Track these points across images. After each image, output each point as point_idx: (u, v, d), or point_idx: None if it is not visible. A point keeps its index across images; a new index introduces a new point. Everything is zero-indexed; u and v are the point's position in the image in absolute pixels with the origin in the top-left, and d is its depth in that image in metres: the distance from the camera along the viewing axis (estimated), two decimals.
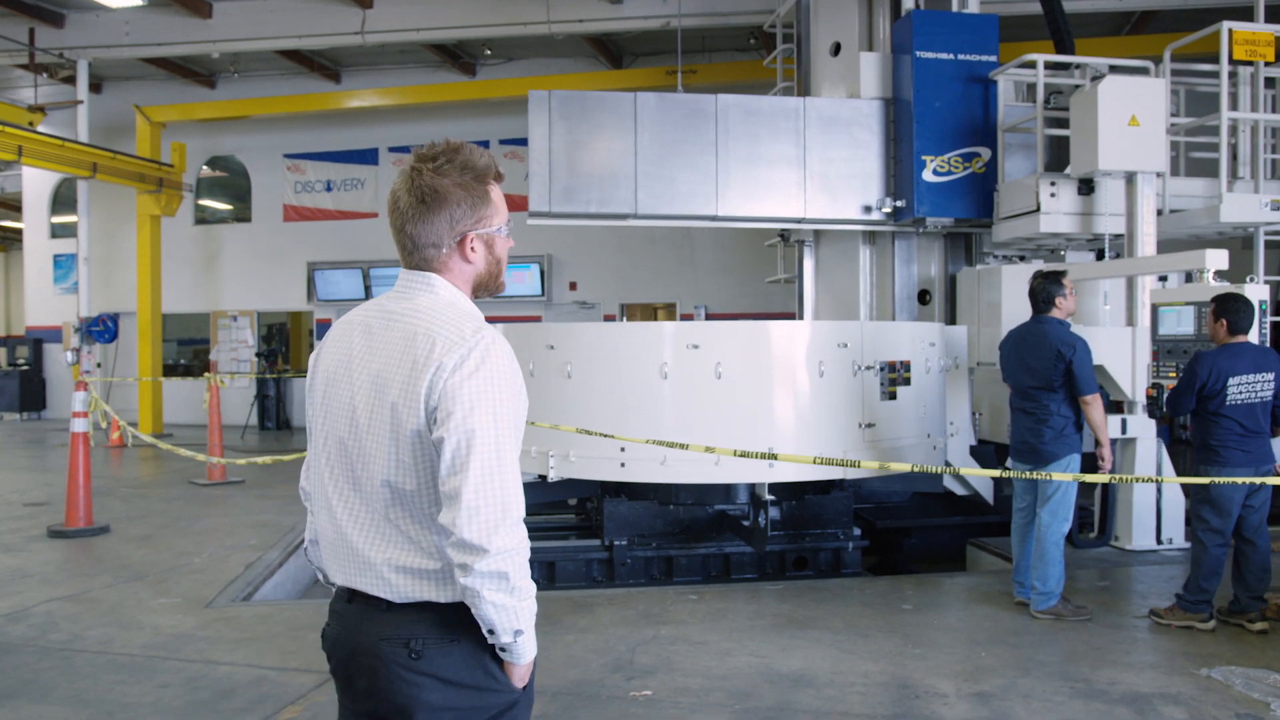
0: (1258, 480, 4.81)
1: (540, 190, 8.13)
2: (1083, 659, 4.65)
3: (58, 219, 18.68)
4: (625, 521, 6.87)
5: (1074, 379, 5.25)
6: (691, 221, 8.70)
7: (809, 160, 8.49)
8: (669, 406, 6.33)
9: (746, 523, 6.80)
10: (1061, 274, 5.52)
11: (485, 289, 1.95)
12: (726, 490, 6.92)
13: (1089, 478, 4.72)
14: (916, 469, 4.87)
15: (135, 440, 7.85)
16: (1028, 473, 5.27)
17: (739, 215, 8.44)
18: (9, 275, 25.50)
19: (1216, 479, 4.84)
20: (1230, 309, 5.06)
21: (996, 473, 4.79)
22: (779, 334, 6.52)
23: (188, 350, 18.23)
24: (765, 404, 6.38)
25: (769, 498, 6.41)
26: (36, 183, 18.44)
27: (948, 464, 7.87)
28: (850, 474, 6.48)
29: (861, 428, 6.56)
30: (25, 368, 18.66)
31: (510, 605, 1.73)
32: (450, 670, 1.81)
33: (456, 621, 1.81)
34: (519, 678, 1.87)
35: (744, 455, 5.14)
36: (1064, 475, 5.06)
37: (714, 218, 8.42)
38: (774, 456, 5.60)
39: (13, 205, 21.27)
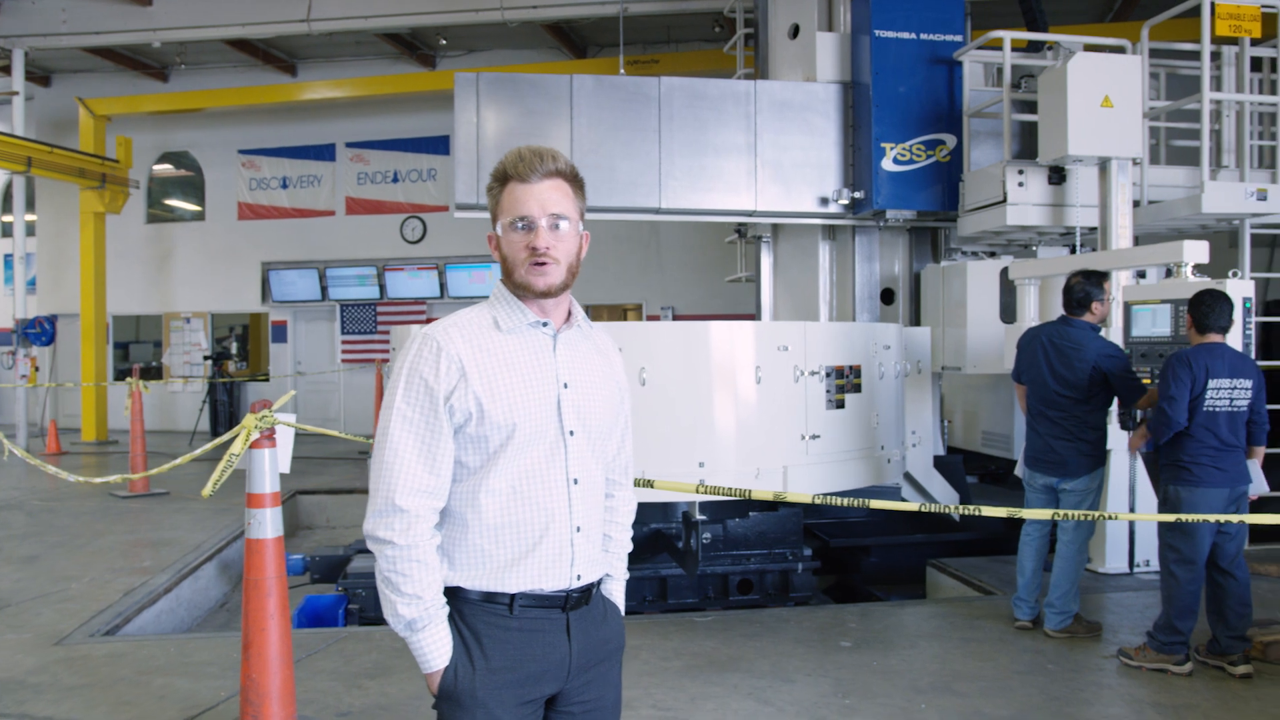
0: (1234, 518, 4.20)
1: (467, 181, 7.47)
2: (1038, 712, 4.02)
3: (9, 218, 17.98)
4: None
5: (1125, 389, 4.90)
6: (632, 215, 8.04)
7: (761, 148, 7.84)
8: None
9: (681, 544, 6.17)
10: (1104, 276, 5.10)
11: (516, 285, 1.95)
12: (664, 508, 6.31)
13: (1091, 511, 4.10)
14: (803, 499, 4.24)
15: (9, 456, 7.15)
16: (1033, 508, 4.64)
17: (684, 208, 7.77)
18: None
19: (1184, 515, 4.23)
20: (1196, 305, 4.48)
21: (955, 508, 4.11)
22: (711, 336, 5.88)
23: (147, 349, 17.52)
24: (696, 414, 5.74)
25: (700, 517, 5.78)
26: None
27: (908, 476, 7.27)
28: (790, 490, 5.85)
29: (804, 439, 5.93)
30: None
31: (383, 592, 1.86)
32: None
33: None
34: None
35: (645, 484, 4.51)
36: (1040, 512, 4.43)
37: (657, 210, 7.77)
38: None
39: None
